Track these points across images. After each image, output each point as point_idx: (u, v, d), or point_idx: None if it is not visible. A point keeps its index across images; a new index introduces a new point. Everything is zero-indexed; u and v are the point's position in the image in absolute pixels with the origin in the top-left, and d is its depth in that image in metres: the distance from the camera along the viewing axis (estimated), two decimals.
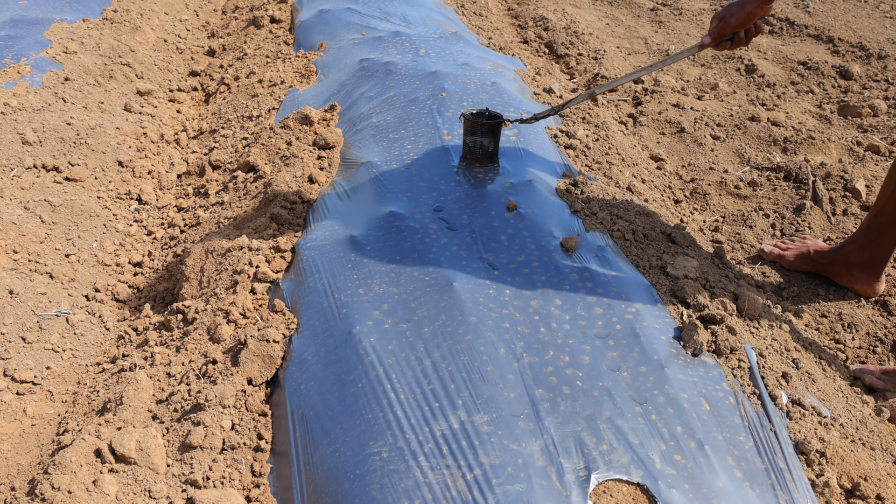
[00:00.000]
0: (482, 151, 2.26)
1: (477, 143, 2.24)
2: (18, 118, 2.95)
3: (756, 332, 1.86)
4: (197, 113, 3.58)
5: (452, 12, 4.17)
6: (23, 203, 2.64)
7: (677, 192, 2.89)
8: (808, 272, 2.50)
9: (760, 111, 3.56)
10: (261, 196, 2.40)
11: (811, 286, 2.47)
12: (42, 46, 3.53)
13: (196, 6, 4.88)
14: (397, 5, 3.87)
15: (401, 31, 3.44)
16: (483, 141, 2.23)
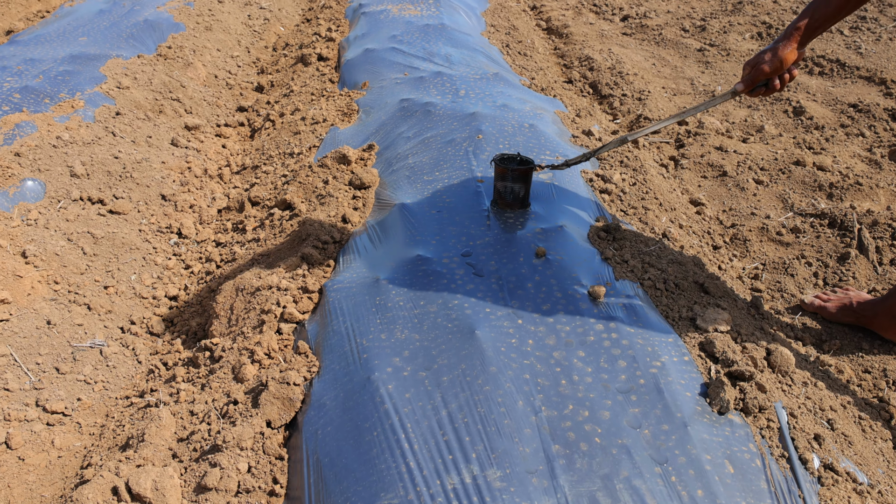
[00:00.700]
0: (513, 197, 2.24)
1: (508, 189, 2.23)
2: (69, 151, 3.05)
3: (788, 390, 1.80)
4: (241, 148, 3.65)
5: (497, 52, 4.19)
6: (67, 234, 2.71)
7: (717, 237, 2.83)
8: (852, 325, 2.42)
9: (806, 155, 3.48)
10: (294, 234, 2.42)
11: (854, 339, 2.38)
12: (97, 81, 3.65)
13: (248, 43, 5.00)
14: (441, 45, 3.91)
15: (442, 71, 3.46)
16: (514, 186, 2.22)
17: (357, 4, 5.02)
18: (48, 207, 2.79)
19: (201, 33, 4.69)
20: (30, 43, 4.14)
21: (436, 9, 4.68)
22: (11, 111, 3.21)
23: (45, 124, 3.16)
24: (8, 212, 2.71)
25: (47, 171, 2.90)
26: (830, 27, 1.90)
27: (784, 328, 2.35)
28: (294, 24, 5.78)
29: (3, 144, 2.97)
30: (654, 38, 5.44)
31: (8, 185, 2.80)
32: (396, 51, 3.84)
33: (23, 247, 2.57)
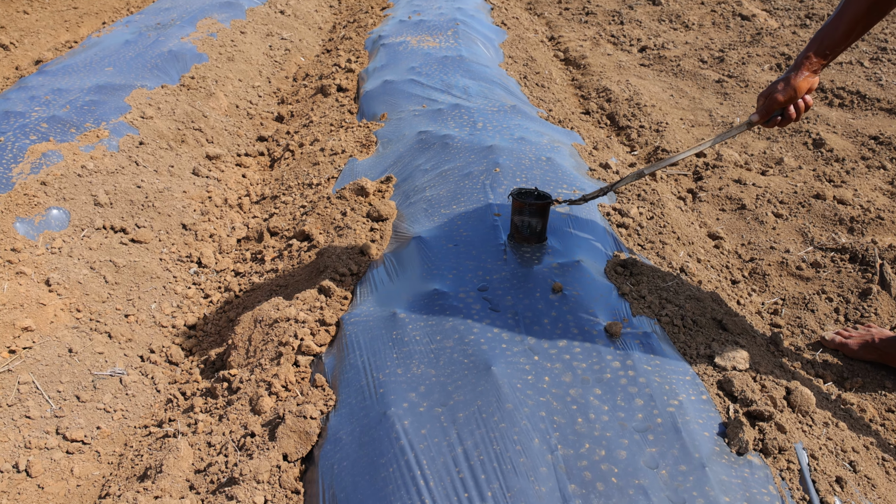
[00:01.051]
0: (530, 231, 2.25)
1: (525, 223, 2.23)
2: (93, 180, 3.10)
3: (809, 430, 1.78)
4: (261, 178, 3.69)
5: (514, 84, 4.23)
6: (90, 263, 2.75)
7: (735, 272, 2.82)
8: (874, 362, 2.39)
9: (827, 188, 3.47)
10: (312, 266, 2.44)
11: (877, 377, 2.35)
12: (122, 111, 3.71)
13: (269, 73, 5.08)
14: (459, 77, 3.95)
15: (460, 103, 3.50)
16: (531, 221, 2.23)
17: (377, 36, 5.08)
18: (72, 236, 2.84)
19: (224, 64, 4.77)
20: (58, 73, 4.22)
21: (454, 41, 4.73)
22: (39, 140, 3.27)
23: (70, 153, 3.21)
24: (33, 240, 2.76)
25: (72, 200, 2.95)
26: (841, 52, 2.00)
27: (805, 365, 2.33)
28: (314, 54, 5.86)
29: (30, 173, 3.02)
30: (672, 70, 5.47)
31: (34, 213, 2.85)
32: (415, 83, 3.88)
33: (47, 275, 2.61)
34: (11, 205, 2.83)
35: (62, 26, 6.45)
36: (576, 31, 6.72)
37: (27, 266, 2.61)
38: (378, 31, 5.28)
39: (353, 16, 6.82)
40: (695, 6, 7.43)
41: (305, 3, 7.02)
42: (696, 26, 6.76)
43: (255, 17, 5.92)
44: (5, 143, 3.21)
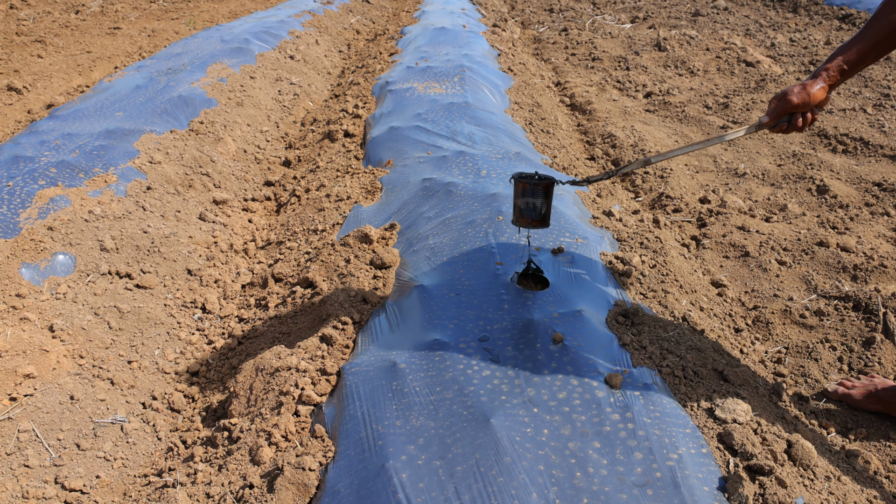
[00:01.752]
0: (534, 213, 2.20)
1: (529, 205, 2.18)
2: (100, 226, 3.13)
3: (811, 485, 1.76)
4: (267, 223, 3.72)
5: (520, 130, 4.27)
6: (94, 309, 2.77)
7: (738, 320, 2.82)
8: (878, 412, 2.37)
9: (830, 235, 3.47)
10: (315, 314, 2.45)
11: (881, 428, 2.33)
12: (130, 156, 3.76)
13: (277, 118, 5.14)
14: (464, 124, 3.99)
15: (465, 150, 3.53)
16: (535, 202, 2.18)
17: (384, 82, 5.16)
18: (77, 281, 2.86)
19: (232, 108, 4.84)
20: (68, 117, 4.29)
21: (460, 87, 4.79)
22: (47, 185, 3.32)
23: (78, 198, 3.25)
24: (38, 285, 2.78)
25: (78, 245, 2.97)
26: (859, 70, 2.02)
27: (808, 416, 2.31)
28: (323, 99, 5.94)
29: (37, 218, 3.06)
30: (677, 116, 5.51)
31: (40, 258, 2.87)
32: (420, 129, 3.93)
33: (51, 321, 2.62)
34: (18, 250, 2.85)
35: (75, 70, 6.57)
36: (582, 77, 6.80)
37: (31, 312, 2.63)
38: (386, 76, 5.35)
39: (361, 61, 6.93)
40: (700, 52, 7.52)
41: (315, 48, 7.14)
42: (701, 72, 6.83)
43: (265, 62, 6.02)
44: (14, 188, 3.25)
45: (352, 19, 9.32)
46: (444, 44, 6.39)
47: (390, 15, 10.51)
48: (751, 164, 4.52)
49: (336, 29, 8.49)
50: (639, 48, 7.89)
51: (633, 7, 10.90)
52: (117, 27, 8.65)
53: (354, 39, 8.51)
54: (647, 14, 10.03)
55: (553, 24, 9.57)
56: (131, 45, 7.69)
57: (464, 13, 8.60)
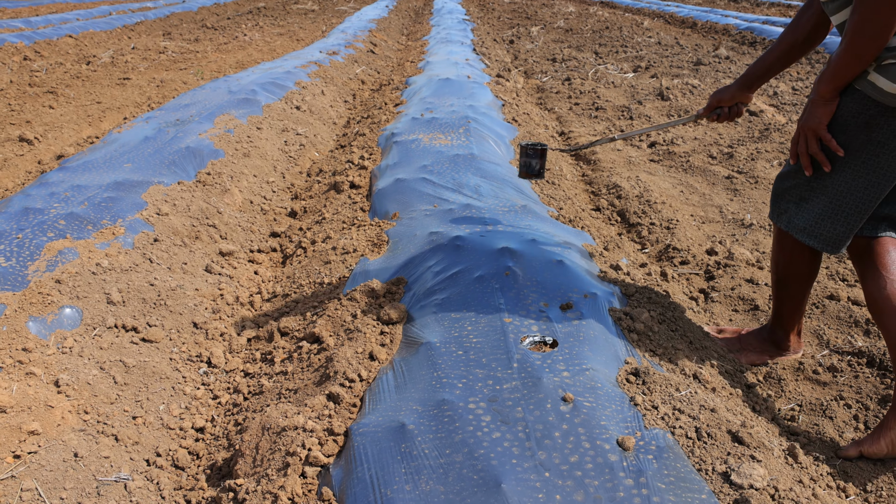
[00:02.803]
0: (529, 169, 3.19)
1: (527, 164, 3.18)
2: (107, 278, 3.12)
3: None
4: (273, 275, 3.72)
5: (525, 182, 4.29)
6: (100, 363, 2.75)
7: (750, 376, 2.78)
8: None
9: (840, 287, 3.45)
10: (322, 370, 2.43)
11: None
12: (138, 208, 3.78)
13: (283, 168, 5.18)
14: (470, 176, 4.01)
15: (471, 203, 3.54)
16: (531, 161, 3.17)
17: (389, 133, 5.20)
18: (83, 335, 2.84)
19: (239, 159, 4.88)
20: (78, 169, 4.32)
21: (465, 138, 4.83)
22: (56, 237, 3.32)
23: (86, 251, 3.25)
24: (45, 339, 2.77)
25: (85, 299, 2.97)
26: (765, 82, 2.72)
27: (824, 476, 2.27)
28: (329, 149, 5.99)
29: (45, 271, 3.06)
30: (681, 165, 5.54)
31: (47, 312, 2.86)
32: (426, 181, 3.94)
33: (56, 376, 2.60)
34: (25, 303, 2.85)
35: (85, 121, 6.65)
36: (586, 126, 6.85)
37: (37, 366, 2.61)
38: (391, 127, 5.40)
39: (367, 111, 7.00)
40: (703, 101, 7.58)
41: (321, 98, 7.22)
42: (704, 121, 6.89)
43: (272, 113, 6.09)
44: (23, 240, 3.25)
45: (357, 69, 9.45)
46: (448, 95, 6.46)
47: (395, 65, 10.66)
48: (757, 214, 4.52)
49: (341, 79, 8.60)
50: (642, 97, 7.97)
51: (634, 57, 11.04)
52: (127, 78, 8.79)
53: (360, 89, 8.61)
54: (649, 63, 10.17)
55: (556, 74, 9.69)
56: (140, 95, 7.80)
57: (468, 63, 8.72)
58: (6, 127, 6.26)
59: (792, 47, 2.56)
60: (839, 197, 2.34)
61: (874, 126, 2.20)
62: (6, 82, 8.16)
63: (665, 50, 11.71)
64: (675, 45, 12.44)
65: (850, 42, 2.10)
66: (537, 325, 2.40)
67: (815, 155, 2.33)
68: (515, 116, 6.28)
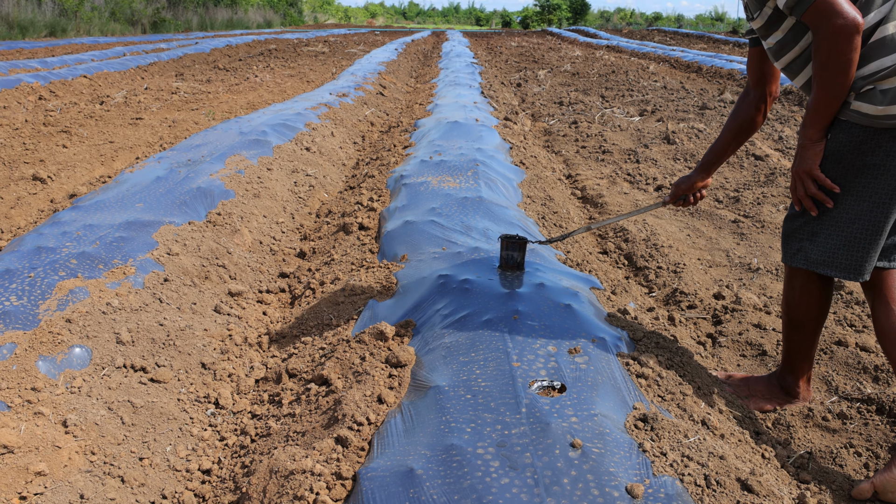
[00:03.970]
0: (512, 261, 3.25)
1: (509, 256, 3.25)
2: (117, 318, 3.14)
3: None
4: (281, 316, 3.73)
5: (533, 224, 4.32)
6: (108, 403, 2.75)
7: (759, 422, 2.77)
8: None
9: (849, 333, 3.45)
10: (330, 413, 2.43)
11: None
12: (149, 248, 3.81)
13: (293, 209, 5.23)
14: (478, 219, 4.05)
15: (480, 246, 3.57)
16: (513, 254, 3.24)
17: (398, 175, 5.25)
18: (92, 375, 2.85)
19: (249, 200, 4.93)
20: (90, 208, 4.37)
21: (473, 181, 4.88)
22: (67, 276, 3.35)
23: (97, 290, 3.28)
24: (54, 379, 2.78)
25: (95, 338, 2.98)
26: (719, 166, 3.03)
27: None
28: (338, 190, 6.04)
29: (56, 310, 3.08)
30: (688, 209, 5.57)
31: (56, 351, 2.88)
32: (435, 224, 3.98)
33: (65, 416, 2.61)
34: (36, 343, 2.86)
35: (97, 160, 6.73)
36: (592, 170, 6.91)
37: (46, 406, 2.62)
38: (400, 170, 5.46)
39: (376, 153, 7.08)
40: (707, 144, 7.64)
41: (330, 140, 7.31)
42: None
43: (282, 154, 6.16)
44: (35, 279, 3.29)
45: (366, 111, 9.57)
46: (457, 137, 6.54)
47: (403, 107, 10.79)
48: (763, 258, 4.53)
49: (351, 121, 8.71)
50: (648, 141, 8.04)
51: (640, 101, 11.16)
52: (139, 117, 8.91)
53: (369, 131, 8.72)
54: (655, 107, 10.27)
55: (563, 117, 9.79)
56: (152, 135, 7.90)
57: (475, 106, 8.82)
58: (20, 166, 6.35)
59: (738, 133, 2.86)
60: (848, 224, 2.43)
61: (867, 151, 2.34)
62: (21, 122, 8.28)
63: (671, 94, 11.84)
64: (680, 89, 12.58)
65: (821, 84, 2.32)
66: (545, 369, 2.40)
67: (814, 195, 2.46)
68: (523, 159, 6.34)
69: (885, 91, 2.26)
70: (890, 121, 2.27)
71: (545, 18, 61.13)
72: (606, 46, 26.43)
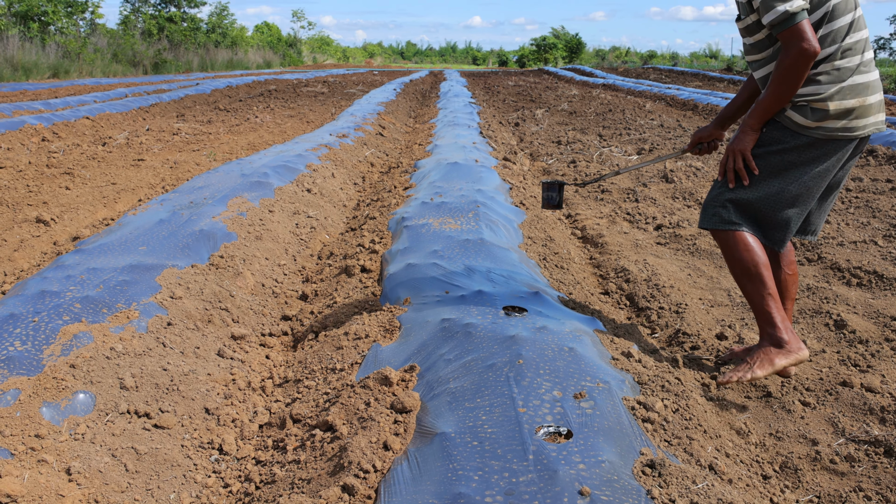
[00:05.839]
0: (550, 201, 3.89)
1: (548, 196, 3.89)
2: (121, 363, 3.14)
3: None
4: (284, 359, 3.73)
5: (535, 265, 4.34)
6: (112, 450, 2.74)
7: (766, 466, 2.76)
8: None
9: (853, 373, 3.44)
10: (336, 460, 2.42)
11: None
12: (152, 291, 3.82)
13: (294, 251, 5.25)
14: (480, 261, 4.06)
15: (482, 289, 3.58)
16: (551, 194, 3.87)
17: (400, 217, 5.29)
18: (96, 421, 2.84)
19: (252, 242, 4.95)
20: (94, 252, 4.38)
21: (475, 223, 4.91)
22: (71, 321, 3.35)
23: (101, 335, 3.28)
24: (58, 425, 2.77)
25: (98, 384, 2.98)
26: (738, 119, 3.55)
27: None
28: (339, 232, 6.07)
29: (60, 355, 3.07)
30: (688, 248, 5.59)
31: (60, 397, 2.87)
32: (437, 266, 3.99)
33: (68, 463, 2.59)
34: (40, 389, 2.86)
35: (100, 202, 6.77)
36: (592, 209, 6.95)
37: (49, 454, 2.60)
38: (401, 211, 5.49)
39: (376, 194, 7.12)
40: (707, 183, 7.70)
41: (331, 181, 7.36)
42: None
43: (283, 196, 6.20)
44: (39, 324, 3.29)
45: (366, 152, 9.65)
46: (457, 178, 6.59)
47: (403, 147, 10.88)
48: None
49: (351, 161, 8.78)
50: (646, 180, 8.10)
51: (638, 139, 11.26)
52: (141, 159, 8.98)
53: (369, 172, 8.78)
54: (652, 146, 10.36)
55: (561, 157, 9.88)
56: (154, 176, 7.96)
57: (475, 147, 8.90)
58: (24, 208, 6.38)
59: (751, 96, 3.44)
60: (757, 200, 3.12)
61: (788, 149, 3.03)
62: (25, 163, 8.34)
63: (668, 132, 11.95)
64: (677, 127, 12.71)
65: (773, 90, 2.94)
66: (552, 414, 2.40)
67: (738, 171, 3.11)
68: (523, 200, 6.38)
69: (814, 110, 2.94)
70: (810, 133, 2.97)
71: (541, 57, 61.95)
72: (603, 85, 26.73)
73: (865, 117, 2.97)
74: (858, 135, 2.98)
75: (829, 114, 2.91)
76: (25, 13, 27.66)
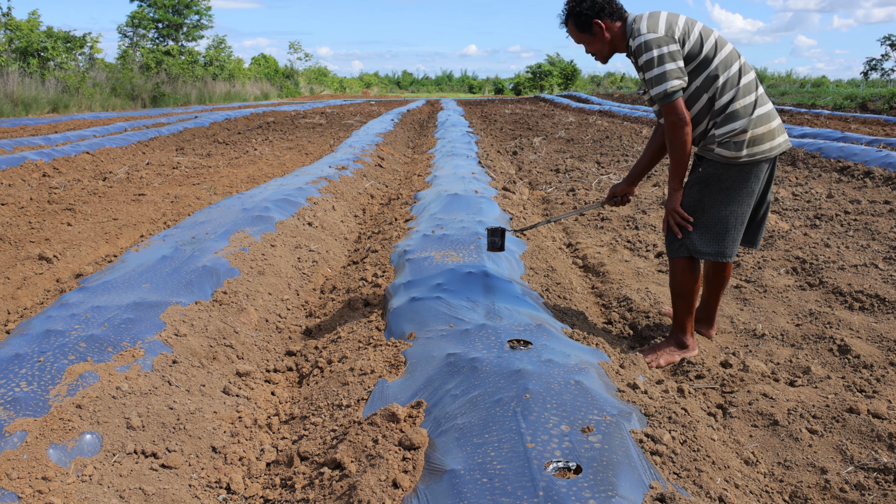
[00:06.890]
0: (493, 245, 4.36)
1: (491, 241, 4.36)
2: (127, 402, 3.14)
3: None
4: (290, 395, 3.73)
5: (538, 297, 4.35)
6: (119, 491, 2.73)
7: (776, 496, 2.75)
8: None
9: (859, 399, 3.44)
10: (345, 499, 2.41)
11: None
12: (157, 329, 3.82)
13: (297, 286, 5.26)
14: (484, 295, 4.07)
15: (486, 323, 3.59)
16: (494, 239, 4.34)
17: (402, 250, 5.30)
18: (103, 461, 2.84)
19: (254, 277, 4.96)
20: (97, 289, 4.39)
21: (477, 255, 4.93)
22: (77, 360, 3.35)
23: (106, 374, 3.28)
24: (65, 467, 2.76)
25: (105, 424, 2.97)
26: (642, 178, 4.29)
27: None
28: (341, 265, 6.08)
29: (66, 395, 3.07)
30: None
31: (67, 438, 2.86)
32: (441, 300, 4.00)
33: None
34: (46, 430, 2.85)
35: (102, 238, 6.79)
36: (592, 238, 6.97)
37: (57, 497, 2.59)
38: (403, 244, 5.51)
39: (377, 227, 7.15)
40: None
41: (332, 214, 7.39)
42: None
43: (285, 230, 6.22)
44: (44, 364, 3.29)
45: (366, 184, 9.69)
46: (457, 210, 6.62)
47: (402, 179, 10.93)
48: (768, 324, 4.55)
49: (351, 194, 8.82)
50: (645, 207, 8.14)
51: None
52: (142, 193, 9.02)
53: (369, 204, 8.81)
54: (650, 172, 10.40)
55: (560, 185, 9.92)
56: (155, 211, 7.99)
57: (474, 177, 8.95)
58: (26, 245, 6.40)
59: (655, 153, 4.11)
60: (713, 226, 3.79)
61: (724, 178, 3.71)
62: (27, 199, 8.38)
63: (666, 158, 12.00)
64: None
65: (671, 155, 3.68)
66: (560, 449, 2.40)
67: (680, 223, 3.82)
68: None
69: (736, 143, 3.62)
70: (739, 161, 3.64)
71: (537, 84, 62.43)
72: (599, 111, 26.91)
73: (774, 139, 3.66)
74: (774, 154, 3.68)
75: (748, 142, 3.60)
76: (25, 49, 27.93)
